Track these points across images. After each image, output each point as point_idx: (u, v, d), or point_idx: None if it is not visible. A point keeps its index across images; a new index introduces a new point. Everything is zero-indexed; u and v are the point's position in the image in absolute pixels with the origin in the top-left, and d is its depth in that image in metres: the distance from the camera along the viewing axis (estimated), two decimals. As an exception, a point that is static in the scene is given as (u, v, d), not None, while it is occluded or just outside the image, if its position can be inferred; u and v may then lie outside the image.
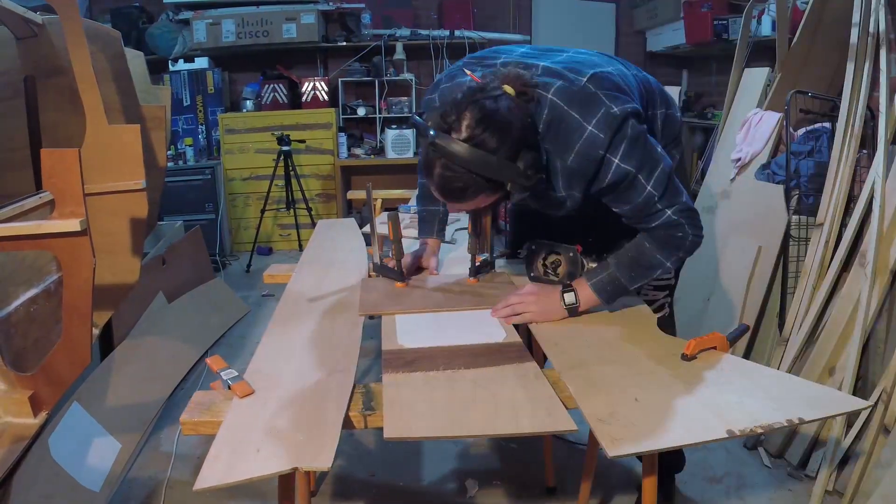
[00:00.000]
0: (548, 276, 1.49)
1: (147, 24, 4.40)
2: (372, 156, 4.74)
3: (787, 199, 2.22)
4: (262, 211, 4.20)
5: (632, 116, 1.18)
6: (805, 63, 2.40)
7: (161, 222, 3.47)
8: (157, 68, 4.41)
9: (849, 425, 1.79)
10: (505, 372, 1.10)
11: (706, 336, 1.18)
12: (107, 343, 2.18)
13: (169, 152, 4.32)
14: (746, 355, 2.38)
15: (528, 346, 1.25)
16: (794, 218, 2.20)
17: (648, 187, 1.21)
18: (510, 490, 1.89)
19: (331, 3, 4.52)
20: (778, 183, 2.29)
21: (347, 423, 0.99)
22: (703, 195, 2.90)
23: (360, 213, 4.68)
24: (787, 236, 2.21)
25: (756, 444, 2.03)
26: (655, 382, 1.06)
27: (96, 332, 1.94)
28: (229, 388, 1.05)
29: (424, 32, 4.71)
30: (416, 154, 4.72)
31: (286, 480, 0.92)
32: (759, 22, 3.13)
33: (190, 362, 2.60)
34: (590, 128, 1.15)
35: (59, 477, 1.59)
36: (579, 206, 1.31)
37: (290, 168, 4.13)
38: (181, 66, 4.41)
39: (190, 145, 4.36)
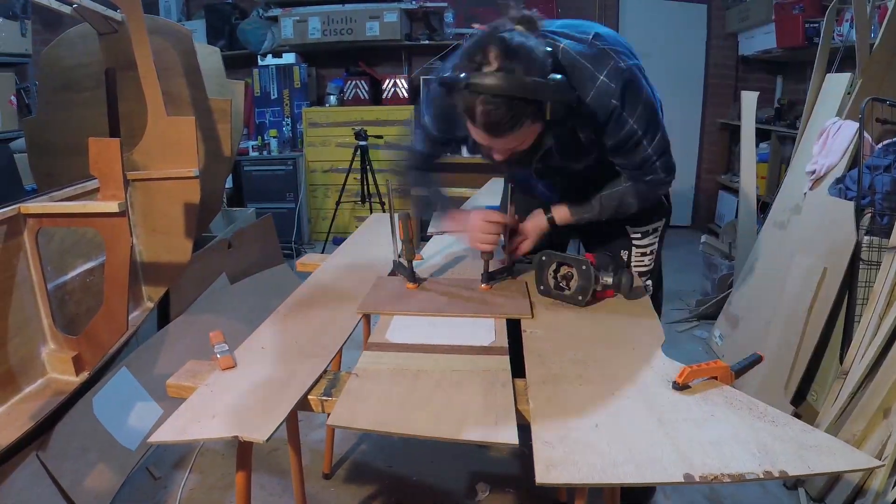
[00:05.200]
0: (560, 290, 1.45)
1: (239, 20, 4.69)
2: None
3: (858, 217, 2.02)
4: (338, 203, 4.36)
5: (637, 71, 1.30)
6: (889, 68, 2.16)
7: (237, 209, 3.71)
8: (248, 62, 4.70)
9: (898, 474, 1.61)
10: (472, 377, 1.09)
11: (706, 364, 1.08)
12: (163, 316, 2.36)
13: (254, 142, 4.58)
14: (805, 387, 2.19)
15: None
16: (866, 239, 2.00)
17: (649, 150, 1.35)
18: (520, 498, 1.86)
19: (414, 2, 4.59)
20: (850, 199, 2.09)
21: (306, 406, 1.05)
22: (775, 209, 2.70)
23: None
24: (855, 258, 2.01)
25: (796, 484, 1.87)
26: (628, 409, 0.98)
27: (150, 304, 2.11)
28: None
29: (507, 31, 4.68)
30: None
31: (244, 449, 0.98)
32: (851, 25, 2.84)
33: (242, 341, 2.75)
34: (601, 77, 1.25)
35: (98, 433, 1.75)
36: (599, 158, 1.40)
37: (367, 163, 4.25)
38: (269, 60, 4.65)
39: (275, 137, 4.60)
